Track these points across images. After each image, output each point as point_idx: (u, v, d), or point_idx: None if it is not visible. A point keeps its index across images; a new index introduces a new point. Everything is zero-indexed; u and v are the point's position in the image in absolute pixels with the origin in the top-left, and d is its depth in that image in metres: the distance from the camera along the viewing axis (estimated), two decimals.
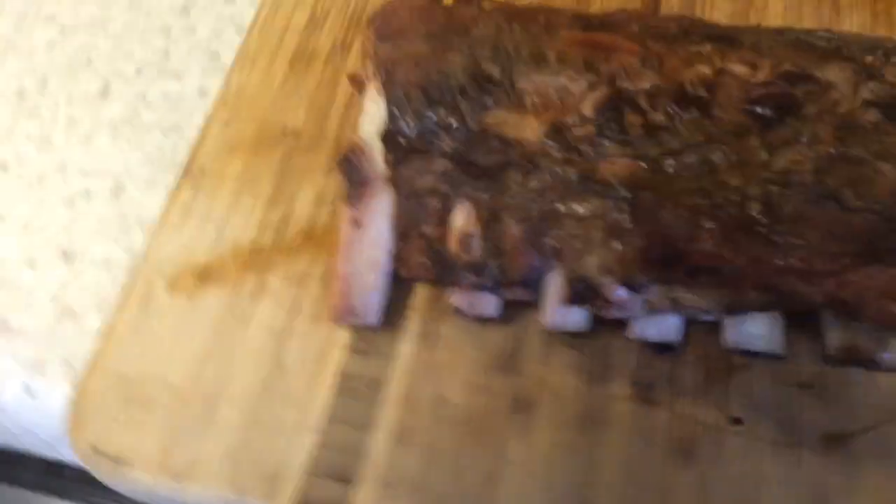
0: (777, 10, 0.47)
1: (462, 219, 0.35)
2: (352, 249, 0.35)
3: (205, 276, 0.39)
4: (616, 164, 0.33)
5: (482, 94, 0.34)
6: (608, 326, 0.36)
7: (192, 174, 0.42)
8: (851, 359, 0.34)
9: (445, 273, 0.35)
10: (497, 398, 0.35)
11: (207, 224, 0.40)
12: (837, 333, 0.34)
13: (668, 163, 0.32)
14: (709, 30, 0.38)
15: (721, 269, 0.31)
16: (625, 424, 0.34)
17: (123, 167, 0.46)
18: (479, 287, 0.35)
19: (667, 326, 0.34)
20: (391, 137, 0.35)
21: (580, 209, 0.33)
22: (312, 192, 0.41)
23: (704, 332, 0.36)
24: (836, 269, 0.30)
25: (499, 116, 0.34)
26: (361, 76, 0.38)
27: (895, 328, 0.32)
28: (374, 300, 0.36)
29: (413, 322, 0.37)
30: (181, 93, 0.49)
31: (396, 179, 0.35)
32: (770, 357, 0.35)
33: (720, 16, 0.47)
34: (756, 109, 0.33)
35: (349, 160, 0.36)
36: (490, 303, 0.35)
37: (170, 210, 0.41)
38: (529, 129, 0.34)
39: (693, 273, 0.31)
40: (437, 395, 0.35)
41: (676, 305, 0.33)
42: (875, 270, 0.30)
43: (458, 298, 0.35)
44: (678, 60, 0.35)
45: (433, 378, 0.36)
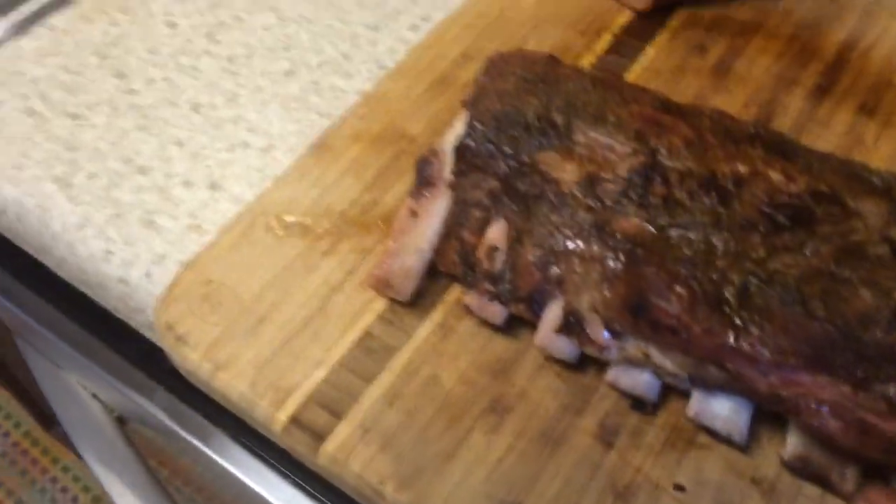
0: (885, 153, 0.48)
1: (495, 233, 0.40)
2: (403, 234, 0.42)
3: (296, 227, 0.47)
4: (628, 222, 0.37)
5: (541, 136, 0.40)
6: (597, 372, 0.40)
7: (319, 149, 0.51)
8: (806, 471, 0.35)
9: (469, 275, 0.41)
10: (480, 394, 0.40)
11: (314, 188, 0.49)
12: (796, 441, 0.35)
13: (673, 233, 0.36)
14: (775, 140, 0.40)
15: (678, 331, 0.34)
16: (578, 453, 0.38)
17: (280, 133, 0.56)
18: (492, 296, 0.40)
19: (640, 380, 0.37)
20: (461, 150, 0.41)
21: (587, 251, 0.37)
22: (403, 189, 0.48)
23: (681, 405, 0.38)
24: (783, 365, 0.32)
25: (548, 156, 0.39)
26: (465, 100, 0.45)
27: (846, 453, 0.33)
28: (409, 281, 0.42)
29: (438, 312, 0.43)
30: (345, 89, 0.59)
31: (455, 187, 0.42)
32: (732, 445, 0.37)
33: (825, 147, 0.48)
34: (771, 212, 0.36)
35: (425, 161, 0.43)
36: (496, 311, 0.40)
37: (291, 170, 0.50)
38: (569, 173, 0.39)
39: (656, 328, 0.34)
40: (433, 376, 0.41)
41: (647, 361, 0.36)
42: (825, 380, 0.32)
43: (472, 299, 0.41)
44: (722, 153, 0.38)
45: (435, 361, 0.41)
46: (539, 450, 0.38)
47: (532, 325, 0.41)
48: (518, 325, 0.42)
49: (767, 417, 0.37)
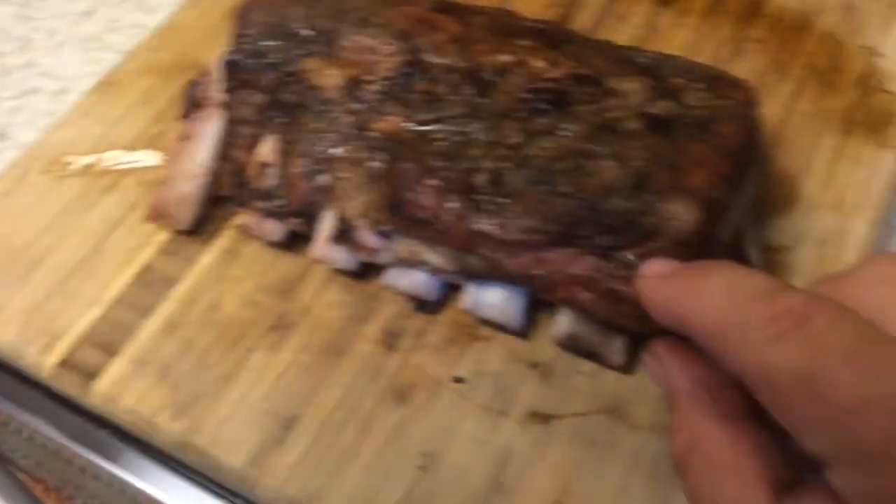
0: (677, 43, 0.48)
1: (264, 148, 0.39)
2: (176, 161, 0.40)
3: (76, 167, 0.44)
4: (386, 121, 0.36)
5: (307, 44, 0.38)
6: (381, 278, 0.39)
7: (105, 85, 0.48)
8: (577, 348, 0.35)
9: (243, 195, 0.39)
10: (263, 315, 0.39)
11: (98, 125, 0.46)
12: (564, 320, 0.35)
13: (432, 128, 0.35)
14: (552, 33, 0.40)
15: (432, 222, 0.33)
16: (360, 360, 0.37)
17: (74, 75, 0.53)
18: (267, 213, 0.39)
19: (416, 280, 0.37)
20: (228, 66, 0.39)
21: (350, 155, 0.36)
22: None
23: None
24: (532, 243, 0.32)
25: (312, 63, 0.38)
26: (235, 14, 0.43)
27: (605, 321, 0.33)
28: (187, 209, 0.40)
29: (223, 238, 0.42)
30: (148, 24, 0.56)
31: (226, 106, 0.40)
32: (512, 333, 0.37)
33: (622, 39, 0.48)
34: (530, 98, 0.35)
35: (193, 82, 0.41)
36: (273, 228, 0.39)
37: (74, 110, 0.47)
38: (331, 79, 0.37)
39: (413, 222, 0.34)
40: (214, 302, 0.39)
41: (417, 259, 0.36)
42: (570, 254, 0.32)
43: (247, 219, 0.39)
44: (487, 47, 0.37)
45: (218, 287, 0.40)
46: (321, 362, 0.37)
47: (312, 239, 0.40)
48: (303, 242, 0.41)
49: (546, 304, 0.37)
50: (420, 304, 0.38)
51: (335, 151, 0.37)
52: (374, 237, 0.36)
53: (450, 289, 0.38)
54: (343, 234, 0.37)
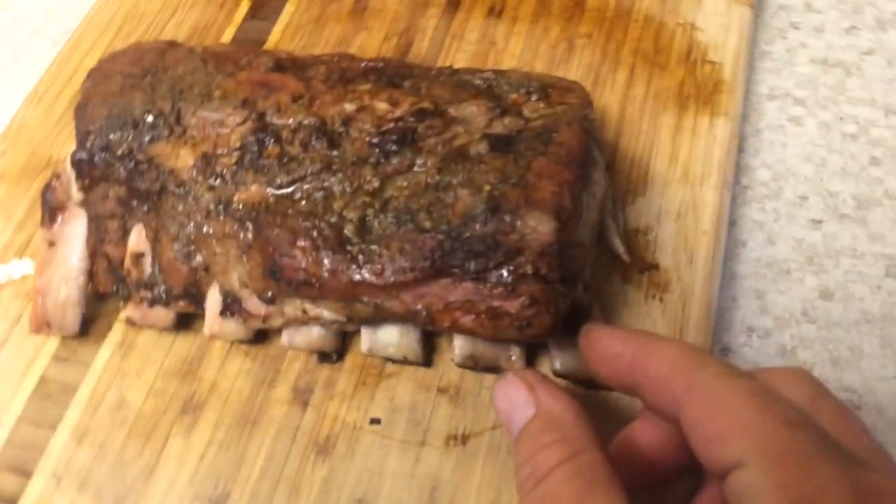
0: (515, 51, 0.50)
1: (135, 239, 0.39)
2: (46, 267, 0.40)
3: None
4: (248, 192, 0.37)
5: (152, 129, 0.39)
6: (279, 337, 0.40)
7: None
8: (479, 366, 0.37)
9: (124, 289, 0.39)
10: (170, 401, 0.39)
11: None
12: (460, 342, 0.37)
13: (294, 189, 0.36)
14: (391, 70, 0.41)
15: (311, 282, 0.34)
16: (276, 424, 0.38)
17: None
18: (152, 301, 0.39)
19: (312, 335, 0.38)
20: (79, 165, 0.39)
21: (219, 230, 0.37)
22: None
23: None
24: (408, 282, 0.33)
25: (161, 148, 0.38)
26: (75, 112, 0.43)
27: (490, 338, 0.35)
28: (70, 313, 0.40)
29: (115, 333, 0.41)
30: None
31: (86, 204, 0.40)
32: (416, 364, 0.38)
33: (462, 57, 0.50)
34: (378, 141, 0.36)
35: (47, 187, 0.40)
36: (161, 315, 0.39)
37: None
38: (183, 160, 0.38)
39: (295, 286, 0.35)
40: (119, 399, 0.39)
41: (308, 317, 0.37)
42: (446, 284, 0.34)
43: (132, 311, 0.39)
44: (330, 99, 0.38)
45: (119, 383, 0.40)
46: (238, 434, 0.38)
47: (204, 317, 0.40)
48: (195, 320, 0.41)
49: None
50: (322, 357, 0.39)
51: (204, 230, 0.37)
52: (262, 304, 0.37)
53: (347, 336, 0.39)
54: (231, 307, 0.38)
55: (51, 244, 0.40)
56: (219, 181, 0.37)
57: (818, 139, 0.47)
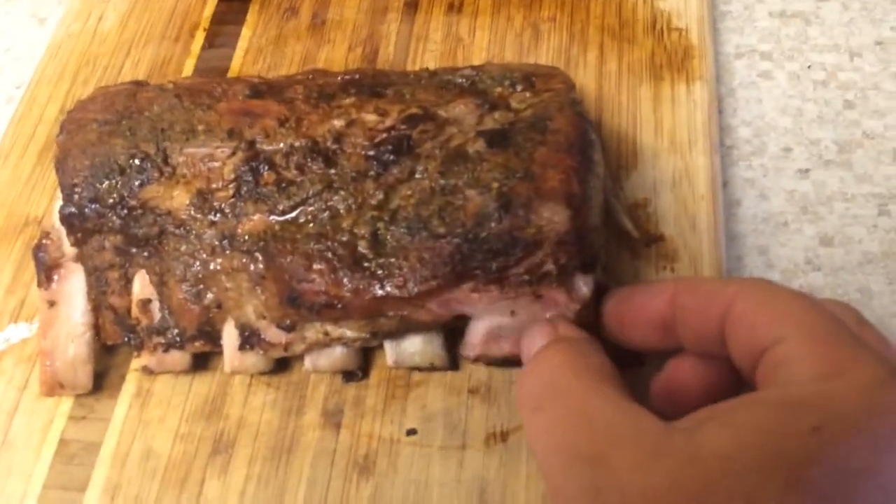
0: (482, 44, 0.50)
1: (139, 286, 0.38)
2: (49, 328, 0.39)
3: None
4: (251, 222, 0.36)
5: (139, 173, 0.38)
6: (302, 364, 0.39)
7: None
8: (501, 360, 0.37)
9: (135, 338, 0.38)
10: (199, 443, 0.38)
11: None
12: (475, 340, 0.37)
13: (297, 213, 0.36)
14: (367, 80, 0.41)
15: (333, 304, 0.34)
16: (312, 450, 0.38)
17: None
18: (166, 346, 0.38)
19: (335, 356, 0.37)
20: (68, 219, 0.38)
21: (227, 265, 0.36)
22: None
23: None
24: (432, 291, 0.33)
25: (153, 191, 0.37)
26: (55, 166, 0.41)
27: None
28: (81, 371, 0.39)
29: (130, 384, 0.40)
30: None
31: (81, 258, 0.39)
32: (444, 370, 0.38)
33: (431, 57, 0.50)
34: (375, 154, 0.36)
35: (38, 246, 0.39)
36: (177, 359, 0.38)
37: None
38: (178, 200, 0.37)
39: (317, 309, 0.34)
40: (146, 449, 0.39)
41: (330, 338, 0.36)
42: (471, 287, 0.33)
43: (147, 359, 0.38)
44: (317, 117, 0.38)
45: (143, 433, 0.39)
46: (275, 466, 0.37)
47: (222, 354, 0.39)
48: (212, 359, 0.40)
49: (462, 331, 0.39)
50: (347, 376, 0.39)
51: (211, 267, 0.37)
52: (282, 333, 0.37)
53: (370, 351, 0.39)
54: (250, 340, 0.37)
55: (51, 304, 0.39)
56: (219, 216, 0.37)
57: (791, 90, 0.48)
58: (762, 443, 0.23)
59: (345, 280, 0.34)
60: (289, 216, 0.36)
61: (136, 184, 0.38)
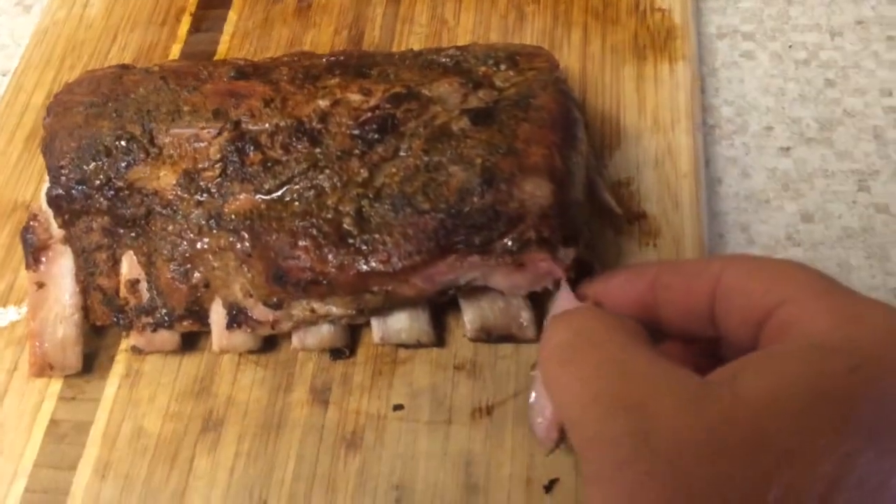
0: (468, 26, 0.50)
1: (127, 267, 0.38)
2: (38, 309, 0.39)
3: None
4: (237, 202, 0.36)
5: (125, 154, 0.38)
6: (290, 343, 0.39)
7: None
8: (492, 337, 0.38)
9: (124, 318, 0.39)
10: (189, 422, 0.39)
11: None
12: (471, 317, 0.37)
13: (283, 192, 0.36)
14: (353, 61, 0.41)
15: (319, 280, 0.34)
16: (300, 427, 0.38)
17: None
18: (155, 326, 0.38)
19: (322, 334, 0.38)
20: (55, 201, 0.38)
21: (214, 244, 0.36)
22: None
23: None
24: (416, 265, 0.33)
25: (139, 171, 0.38)
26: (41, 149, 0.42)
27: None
28: (70, 352, 0.39)
29: (119, 364, 0.41)
30: None
31: (69, 240, 0.39)
32: (430, 346, 0.39)
33: (416, 39, 0.50)
34: (359, 133, 0.36)
35: (26, 228, 0.39)
36: (167, 339, 0.39)
37: None
38: (164, 180, 0.37)
39: (303, 286, 0.35)
40: (136, 428, 0.39)
41: (317, 315, 0.37)
42: (454, 261, 0.34)
43: (137, 339, 0.39)
44: (302, 98, 0.38)
45: (134, 412, 0.39)
46: (264, 442, 0.38)
47: (210, 333, 0.40)
48: (200, 338, 0.41)
49: (451, 307, 0.39)
50: (335, 354, 0.39)
51: (198, 246, 0.37)
52: (269, 311, 0.37)
53: (356, 329, 0.40)
54: (237, 319, 0.37)
55: (40, 286, 0.39)
56: (205, 196, 0.37)
57: (772, 70, 0.48)
58: (804, 387, 0.23)
59: (330, 256, 0.34)
60: (275, 195, 0.36)
61: (123, 165, 0.38)
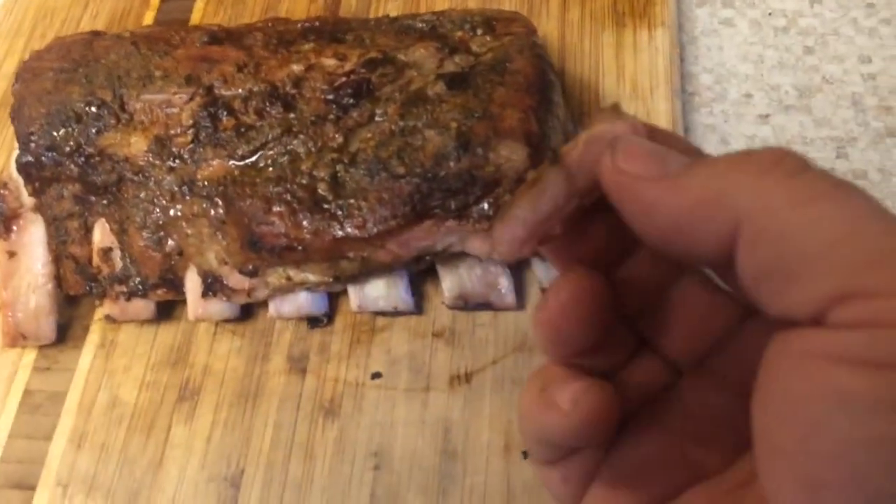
0: None
1: (99, 235, 0.38)
2: (10, 279, 0.38)
3: None
4: (210, 168, 0.36)
5: (96, 120, 0.37)
6: (266, 311, 0.39)
7: None
8: (469, 305, 0.37)
9: (97, 287, 0.38)
10: (165, 391, 0.39)
11: None
12: (449, 284, 0.37)
13: (257, 158, 0.36)
14: (328, 27, 0.40)
15: (294, 246, 0.34)
16: (277, 396, 0.38)
17: None
18: (129, 294, 0.38)
19: (299, 302, 0.38)
20: (25, 168, 0.38)
21: (188, 211, 0.36)
22: None
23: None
24: (392, 230, 0.33)
25: (110, 138, 0.37)
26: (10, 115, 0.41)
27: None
28: (44, 321, 0.39)
29: (94, 334, 0.40)
30: None
31: (40, 207, 0.38)
32: (407, 314, 0.39)
33: (394, 6, 0.50)
34: (334, 97, 0.36)
35: None
36: (141, 308, 0.38)
37: None
38: (136, 146, 0.37)
39: (278, 252, 0.34)
40: (112, 398, 0.39)
41: (293, 283, 0.36)
42: (430, 226, 0.34)
43: (110, 308, 0.38)
44: (276, 63, 0.38)
45: (109, 382, 0.39)
46: (241, 411, 0.38)
47: (185, 302, 0.39)
48: (176, 307, 0.40)
49: (429, 275, 0.39)
50: (312, 322, 0.39)
51: (171, 213, 0.36)
52: (244, 278, 0.37)
53: (334, 297, 0.39)
54: (213, 287, 0.37)
55: (11, 255, 0.39)
56: (178, 162, 0.36)
57: (751, 37, 0.48)
58: None
59: (304, 222, 0.34)
60: (248, 161, 0.36)
61: (94, 131, 0.37)
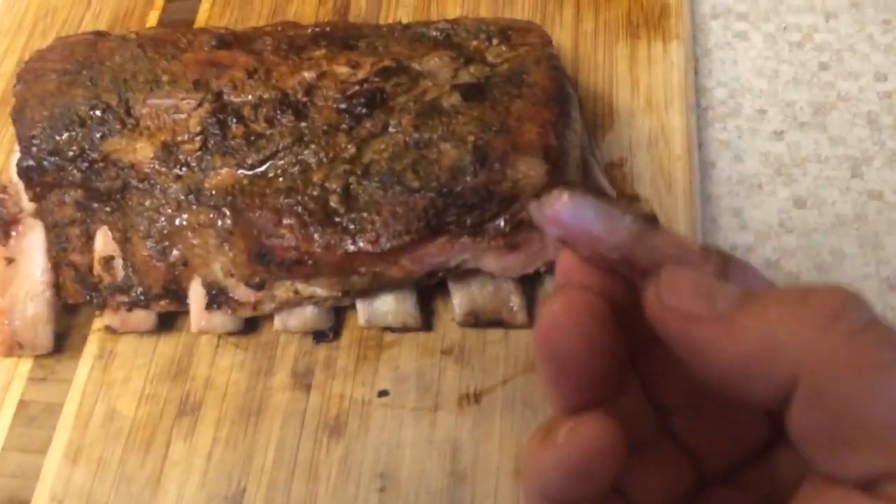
0: (456, 0, 0.49)
1: (101, 243, 0.37)
2: (8, 286, 0.37)
3: None
4: (218, 176, 0.35)
5: (100, 124, 0.36)
6: (271, 325, 0.38)
7: None
8: (481, 322, 0.37)
9: (97, 297, 0.37)
10: (165, 405, 0.37)
11: None
12: (460, 300, 0.36)
13: (267, 167, 0.35)
14: (339, 33, 0.39)
15: (304, 260, 0.33)
16: (281, 412, 0.37)
17: None
18: (130, 305, 0.37)
19: (305, 316, 0.37)
20: (26, 173, 0.37)
21: (194, 221, 0.35)
22: None
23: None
24: (405, 246, 0.32)
25: (115, 143, 0.36)
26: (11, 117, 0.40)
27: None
28: (41, 330, 0.38)
29: (92, 344, 0.39)
30: None
31: (41, 213, 0.37)
32: (416, 330, 0.38)
33: (404, 12, 0.49)
34: (347, 106, 0.35)
35: None
36: (142, 318, 0.37)
37: None
38: (141, 152, 0.36)
39: (287, 266, 0.33)
40: (109, 410, 0.37)
41: (301, 297, 0.35)
42: (444, 242, 0.33)
43: (111, 319, 0.37)
44: (286, 69, 0.37)
45: (107, 394, 0.38)
46: (243, 427, 0.37)
47: (188, 313, 0.38)
48: (178, 318, 0.39)
49: (439, 290, 0.38)
50: (318, 336, 0.38)
51: (177, 222, 0.35)
52: (250, 291, 0.36)
53: (341, 312, 0.38)
54: (217, 299, 0.36)
55: (9, 261, 0.37)
56: (184, 170, 0.35)
57: (766, 51, 0.47)
58: None
59: (315, 236, 0.33)
60: (258, 170, 0.35)
61: (98, 136, 0.36)
